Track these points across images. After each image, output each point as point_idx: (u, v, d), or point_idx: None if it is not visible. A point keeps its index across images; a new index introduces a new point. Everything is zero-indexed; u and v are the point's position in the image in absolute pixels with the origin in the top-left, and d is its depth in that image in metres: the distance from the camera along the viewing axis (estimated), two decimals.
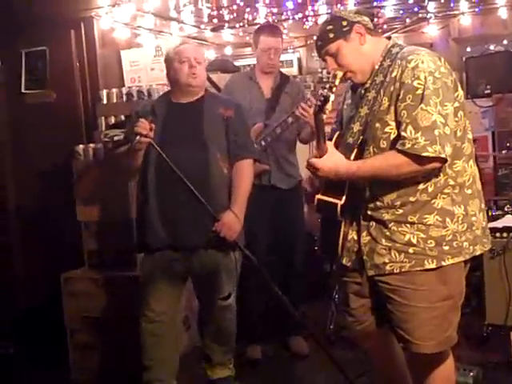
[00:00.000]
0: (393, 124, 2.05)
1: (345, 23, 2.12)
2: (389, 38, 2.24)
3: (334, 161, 2.08)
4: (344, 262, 2.22)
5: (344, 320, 2.33)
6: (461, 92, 2.11)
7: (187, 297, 3.47)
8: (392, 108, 2.04)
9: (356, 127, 2.16)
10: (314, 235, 3.66)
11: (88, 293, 3.47)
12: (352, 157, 2.11)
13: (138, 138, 2.68)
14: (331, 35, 2.13)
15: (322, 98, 2.01)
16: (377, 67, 2.14)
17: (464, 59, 4.98)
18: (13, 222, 4.12)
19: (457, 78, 2.12)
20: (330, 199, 2.14)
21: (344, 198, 2.12)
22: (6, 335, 3.85)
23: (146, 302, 2.87)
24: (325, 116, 2.03)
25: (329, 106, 2.01)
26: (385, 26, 4.92)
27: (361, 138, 2.12)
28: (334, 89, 2.04)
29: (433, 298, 2.09)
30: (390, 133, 2.06)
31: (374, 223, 2.13)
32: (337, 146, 2.15)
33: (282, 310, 3.67)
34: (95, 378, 3.46)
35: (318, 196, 2.17)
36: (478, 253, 2.14)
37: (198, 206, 2.68)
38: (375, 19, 2.23)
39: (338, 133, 2.25)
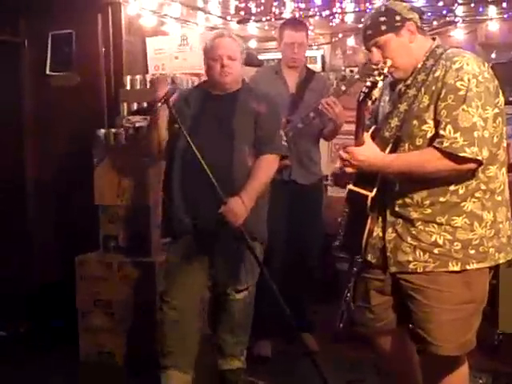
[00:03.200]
0: (431, 123, 2.04)
1: (398, 18, 2.11)
2: (434, 38, 2.23)
3: (370, 151, 2.08)
4: (368, 258, 2.22)
5: (363, 317, 2.30)
6: (501, 98, 2.10)
7: None
8: (432, 107, 2.03)
9: (394, 122, 2.15)
10: (329, 234, 3.65)
11: (101, 276, 3.50)
12: (387, 151, 2.11)
13: (158, 104, 2.71)
14: (383, 27, 2.11)
15: (370, 84, 1.98)
16: (419, 66, 2.13)
17: (490, 65, 4.93)
18: (31, 204, 4.14)
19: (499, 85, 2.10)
20: (361, 190, 2.13)
21: (375, 190, 2.11)
22: (18, 313, 3.88)
23: (169, 288, 2.86)
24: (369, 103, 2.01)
25: (375, 93, 1.99)
26: None
27: (397, 134, 2.11)
28: (382, 76, 2.00)
29: (455, 301, 2.08)
30: (427, 131, 2.05)
31: (402, 221, 2.12)
32: (373, 138, 2.14)
33: (291, 306, 3.69)
34: (104, 360, 3.47)
35: (350, 186, 2.17)
36: (501, 261, 2.13)
37: (217, 192, 2.67)
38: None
39: (374, 126, 2.24)
